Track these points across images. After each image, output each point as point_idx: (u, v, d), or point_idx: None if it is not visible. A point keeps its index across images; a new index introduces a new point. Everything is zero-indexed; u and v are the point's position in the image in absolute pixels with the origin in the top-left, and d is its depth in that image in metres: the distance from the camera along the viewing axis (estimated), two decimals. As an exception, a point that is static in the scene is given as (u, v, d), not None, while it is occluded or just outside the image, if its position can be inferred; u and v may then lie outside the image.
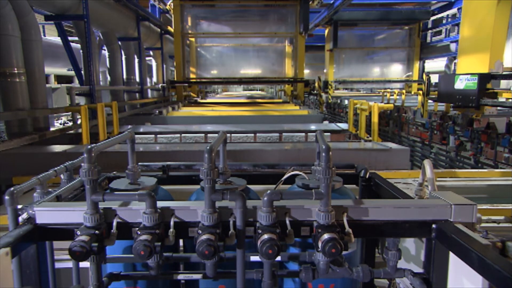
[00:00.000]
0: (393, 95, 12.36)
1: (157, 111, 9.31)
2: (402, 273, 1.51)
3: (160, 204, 1.39)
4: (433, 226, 1.38)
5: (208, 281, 1.66)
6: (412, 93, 16.60)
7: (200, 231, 1.31)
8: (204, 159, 1.32)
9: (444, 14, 15.84)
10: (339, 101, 14.80)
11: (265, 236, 1.28)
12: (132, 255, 1.55)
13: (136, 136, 2.08)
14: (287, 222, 1.37)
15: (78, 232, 1.31)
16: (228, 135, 5.14)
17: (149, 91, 14.45)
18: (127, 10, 10.19)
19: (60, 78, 23.91)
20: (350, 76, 19.04)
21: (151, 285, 1.67)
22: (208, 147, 1.33)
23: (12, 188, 1.44)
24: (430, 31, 17.80)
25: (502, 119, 6.12)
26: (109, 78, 10.50)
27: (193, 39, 13.48)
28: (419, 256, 1.69)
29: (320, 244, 1.28)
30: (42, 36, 7.45)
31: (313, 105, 16.81)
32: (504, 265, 1.03)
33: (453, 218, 1.38)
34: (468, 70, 6.59)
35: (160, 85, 14.53)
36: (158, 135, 6.05)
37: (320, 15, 12.27)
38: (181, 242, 1.91)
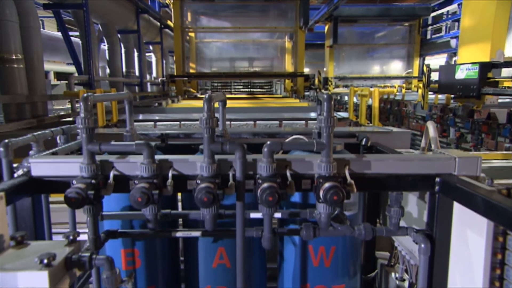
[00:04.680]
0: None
1: (156, 104, 9.26)
2: (404, 231, 1.48)
3: (158, 156, 1.36)
4: (437, 179, 1.35)
5: (208, 242, 1.63)
6: (412, 89, 16.56)
7: (199, 181, 1.29)
8: (204, 108, 1.29)
9: (444, 10, 15.82)
10: (339, 98, 14.79)
11: (265, 185, 1.25)
12: (130, 212, 1.53)
13: (135, 124, 2.02)
14: (288, 174, 1.34)
15: (75, 182, 1.28)
16: (228, 123, 5.11)
17: (148, 85, 14.40)
18: (126, 1, 10.14)
19: (59, 75, 23.88)
20: (350, 73, 18.99)
21: (148, 246, 1.64)
22: (207, 96, 1.30)
23: (6, 140, 1.42)
24: (430, 27, 17.77)
25: (503, 110, 6.10)
26: (108, 71, 10.45)
27: (192, 34, 13.43)
28: (422, 219, 1.66)
29: (321, 193, 1.25)
30: (42, 30, 7.40)
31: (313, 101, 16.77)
32: (510, 204, 1.00)
33: (457, 171, 1.35)
34: (469, 60, 6.55)
35: (159, 79, 14.48)
36: (158, 123, 5.98)
37: (320, 11, 12.28)
38: (179, 209, 1.88)
